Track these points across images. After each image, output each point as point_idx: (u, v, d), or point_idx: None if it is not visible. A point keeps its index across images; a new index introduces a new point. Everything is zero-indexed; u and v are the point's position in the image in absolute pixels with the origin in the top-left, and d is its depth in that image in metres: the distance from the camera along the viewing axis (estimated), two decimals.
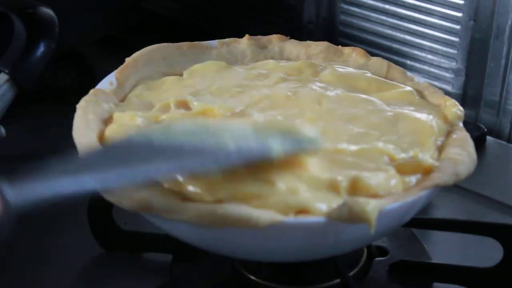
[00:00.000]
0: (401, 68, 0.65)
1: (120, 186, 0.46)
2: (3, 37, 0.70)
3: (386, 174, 0.50)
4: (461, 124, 0.57)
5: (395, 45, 0.85)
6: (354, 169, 0.50)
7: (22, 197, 0.41)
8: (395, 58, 0.85)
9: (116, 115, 0.56)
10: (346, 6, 0.88)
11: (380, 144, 0.53)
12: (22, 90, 0.68)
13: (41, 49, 0.69)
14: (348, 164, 0.51)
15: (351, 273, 0.57)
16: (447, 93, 0.63)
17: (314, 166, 0.50)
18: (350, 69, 0.64)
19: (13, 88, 0.67)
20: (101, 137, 0.54)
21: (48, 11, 0.70)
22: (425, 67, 0.83)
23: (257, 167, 0.49)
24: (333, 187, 0.49)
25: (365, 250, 0.59)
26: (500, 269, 0.58)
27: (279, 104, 0.58)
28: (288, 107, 0.58)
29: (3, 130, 0.59)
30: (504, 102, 0.79)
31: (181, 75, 0.63)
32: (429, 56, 0.83)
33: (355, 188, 0.49)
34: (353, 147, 0.53)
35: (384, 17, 0.85)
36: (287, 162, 0.50)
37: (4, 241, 0.41)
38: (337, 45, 0.68)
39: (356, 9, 0.87)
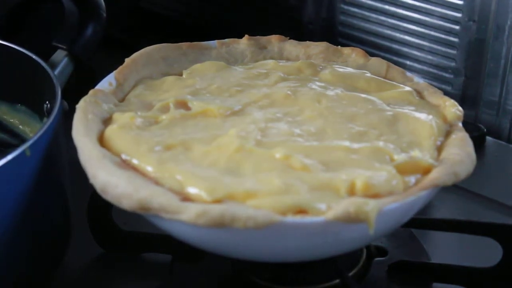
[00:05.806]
0: (400, 69, 0.65)
1: None
2: (54, 18, 0.72)
3: (388, 174, 0.50)
4: (460, 124, 0.57)
5: (394, 46, 0.85)
6: (356, 168, 0.50)
7: None
8: (395, 58, 0.85)
9: (115, 116, 0.56)
10: (346, 7, 0.88)
11: (381, 144, 0.53)
12: (79, 66, 0.70)
13: (93, 26, 0.71)
14: (349, 163, 0.51)
15: (351, 273, 0.57)
16: (446, 93, 0.62)
17: (314, 165, 0.50)
18: (350, 69, 0.64)
19: (71, 64, 0.69)
20: (101, 138, 0.54)
21: None
22: (425, 68, 0.83)
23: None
24: (334, 186, 0.49)
25: (365, 250, 0.59)
26: (500, 269, 0.58)
27: (278, 102, 0.58)
28: (288, 105, 0.58)
29: (66, 104, 0.61)
30: (504, 102, 0.78)
31: (181, 75, 0.63)
32: (429, 57, 0.83)
33: (356, 187, 0.49)
34: (354, 146, 0.53)
35: (383, 18, 0.85)
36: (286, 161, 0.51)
37: None
38: (337, 45, 0.68)
39: (356, 10, 0.87)
